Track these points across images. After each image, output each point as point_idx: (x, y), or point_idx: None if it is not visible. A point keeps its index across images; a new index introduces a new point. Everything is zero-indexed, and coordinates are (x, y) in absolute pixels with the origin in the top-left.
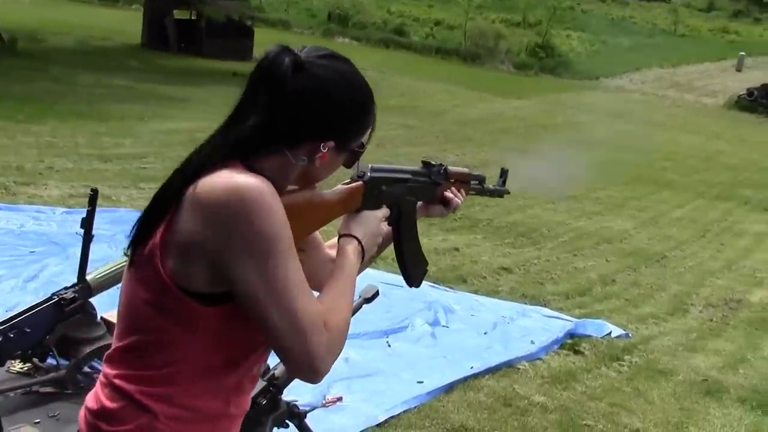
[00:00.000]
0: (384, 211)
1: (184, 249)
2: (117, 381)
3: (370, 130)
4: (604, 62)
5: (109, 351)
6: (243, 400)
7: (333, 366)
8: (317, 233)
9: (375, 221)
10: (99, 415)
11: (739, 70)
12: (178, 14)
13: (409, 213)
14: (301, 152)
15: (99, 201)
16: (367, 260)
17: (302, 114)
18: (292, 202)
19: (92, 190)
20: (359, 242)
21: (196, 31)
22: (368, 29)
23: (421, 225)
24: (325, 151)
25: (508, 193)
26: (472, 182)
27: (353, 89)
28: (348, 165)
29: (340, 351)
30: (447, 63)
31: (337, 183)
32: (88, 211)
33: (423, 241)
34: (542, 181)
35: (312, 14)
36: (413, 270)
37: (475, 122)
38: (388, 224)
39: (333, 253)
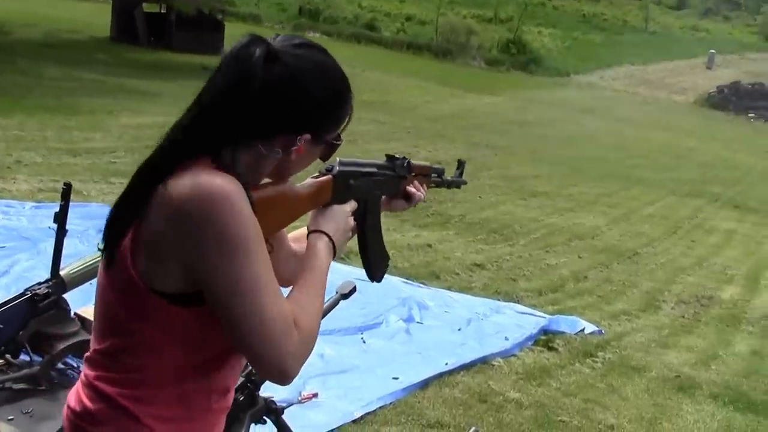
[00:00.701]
0: (352, 205)
1: (154, 250)
2: (97, 383)
3: (347, 122)
4: (575, 58)
5: (88, 353)
6: (227, 397)
7: (308, 362)
8: (284, 230)
9: (344, 216)
10: (81, 415)
11: (709, 67)
12: (148, 7)
13: (375, 207)
14: (276, 145)
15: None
16: (336, 255)
17: (276, 106)
18: (265, 196)
19: (65, 184)
20: (330, 238)
21: (166, 24)
22: (339, 24)
23: (394, 221)
24: (300, 144)
25: (466, 183)
26: (433, 175)
27: (329, 79)
28: (324, 158)
29: (311, 351)
30: (418, 58)
31: (306, 176)
32: (61, 205)
33: (395, 237)
34: None
35: (283, 8)
36: (376, 264)
37: (446, 118)
38: (354, 218)
39: (296, 247)
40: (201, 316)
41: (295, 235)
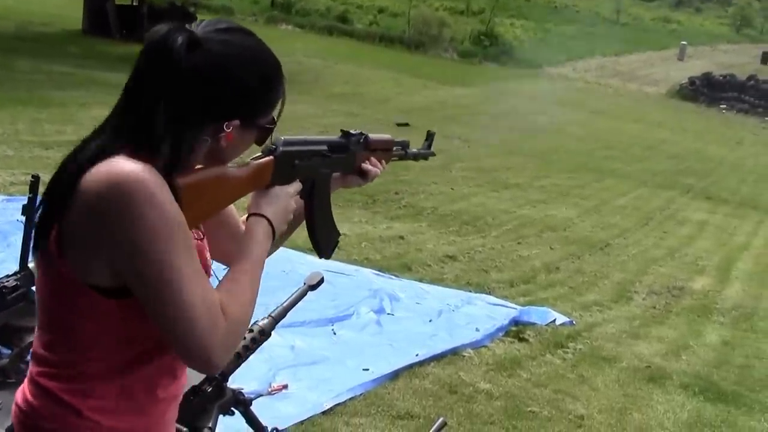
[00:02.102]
0: (296, 186)
1: (78, 243)
2: (39, 379)
3: (280, 105)
4: (547, 50)
5: (32, 349)
6: (174, 385)
7: (278, 353)
8: (232, 208)
9: (285, 198)
10: (26, 412)
11: (680, 59)
12: (119, 0)
13: (323, 185)
14: (204, 133)
15: (41, 188)
16: (278, 238)
17: (201, 94)
18: (196, 181)
19: (33, 176)
20: (269, 222)
21: (138, 17)
22: (312, 16)
23: (366, 213)
24: (229, 130)
25: (434, 155)
26: (395, 148)
27: (255, 63)
28: (259, 142)
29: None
30: (391, 50)
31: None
32: (29, 198)
33: (367, 228)
34: None
35: (255, 0)
36: (325, 242)
37: (418, 110)
38: (301, 197)
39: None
40: (132, 307)
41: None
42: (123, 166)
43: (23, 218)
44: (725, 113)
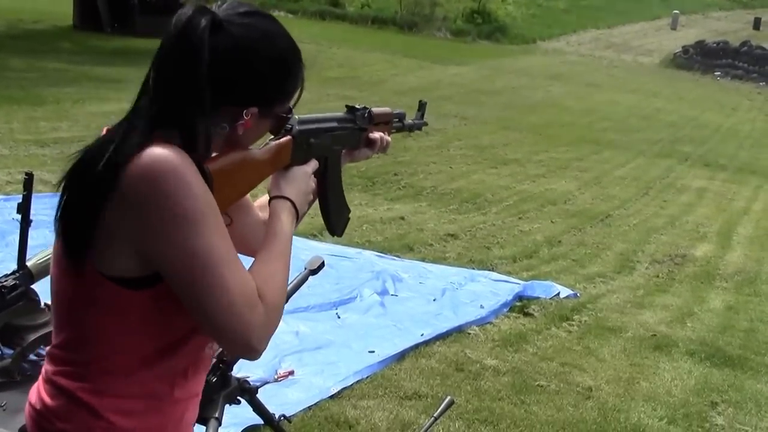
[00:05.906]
0: (313, 165)
1: (106, 235)
2: (56, 378)
3: (298, 94)
4: (540, 26)
5: (48, 348)
6: (192, 383)
7: (283, 340)
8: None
9: (305, 178)
10: (41, 413)
11: (673, 28)
12: None
13: (336, 163)
14: (222, 119)
15: (39, 187)
16: (299, 219)
17: (220, 78)
18: (221, 166)
19: (27, 174)
20: (292, 203)
21: (129, 9)
22: (303, 1)
23: (365, 195)
24: (247, 117)
25: (426, 124)
26: (394, 121)
27: (277, 50)
28: (274, 132)
29: (278, 323)
30: (383, 32)
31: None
32: (24, 195)
33: (368, 211)
34: None
35: None
36: (337, 220)
37: (414, 90)
38: (315, 176)
39: (263, 214)
40: (157, 297)
41: (262, 202)
42: (152, 151)
43: (18, 216)
44: (720, 80)
